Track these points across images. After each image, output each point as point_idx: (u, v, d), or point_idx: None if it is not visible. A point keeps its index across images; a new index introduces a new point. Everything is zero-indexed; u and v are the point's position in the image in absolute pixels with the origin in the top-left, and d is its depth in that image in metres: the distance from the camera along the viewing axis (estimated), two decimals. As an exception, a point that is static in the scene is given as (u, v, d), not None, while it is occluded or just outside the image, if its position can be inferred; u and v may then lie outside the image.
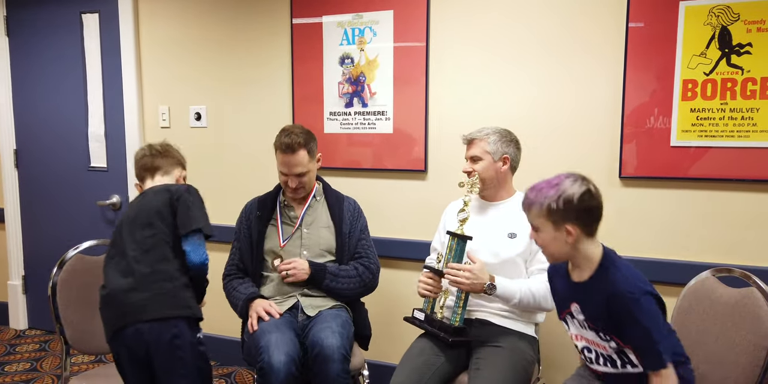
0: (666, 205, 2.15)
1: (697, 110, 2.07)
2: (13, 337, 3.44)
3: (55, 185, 3.40)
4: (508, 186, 2.04)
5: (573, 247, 1.48)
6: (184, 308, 1.67)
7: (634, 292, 1.41)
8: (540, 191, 1.48)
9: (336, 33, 2.62)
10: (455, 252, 1.87)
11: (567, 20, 2.24)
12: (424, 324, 1.93)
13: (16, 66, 3.42)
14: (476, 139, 1.99)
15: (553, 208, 1.44)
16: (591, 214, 1.47)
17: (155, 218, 1.71)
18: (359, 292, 2.18)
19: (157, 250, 1.68)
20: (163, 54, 3.04)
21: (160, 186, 1.80)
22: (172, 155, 1.92)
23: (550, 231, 1.48)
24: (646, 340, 1.40)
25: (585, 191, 1.45)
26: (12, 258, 3.55)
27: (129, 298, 1.64)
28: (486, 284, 1.80)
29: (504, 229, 1.97)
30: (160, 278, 1.65)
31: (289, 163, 2.11)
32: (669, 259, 2.15)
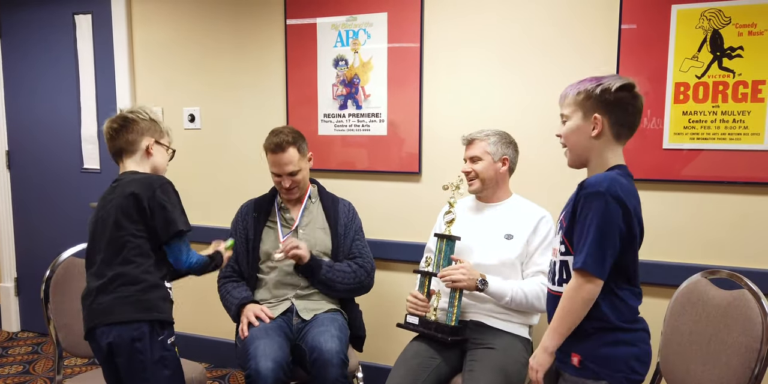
0: (658, 207, 2.16)
1: (689, 113, 2.08)
2: (6, 340, 3.42)
3: (48, 187, 3.38)
4: (505, 187, 2.05)
5: (593, 144, 1.40)
6: (148, 311, 1.63)
7: (601, 189, 1.33)
8: (581, 82, 1.44)
9: (330, 35, 2.62)
10: (444, 253, 1.88)
11: (560, 22, 2.25)
12: (419, 328, 1.93)
13: (8, 67, 3.41)
14: (477, 140, 2.01)
15: (589, 92, 1.39)
16: (625, 113, 1.40)
17: (123, 220, 1.64)
18: (353, 288, 2.17)
19: (124, 252, 1.63)
20: (157, 55, 3.04)
21: (129, 181, 1.69)
22: (132, 127, 1.74)
23: (577, 119, 1.42)
24: (580, 236, 1.36)
25: (627, 85, 1.39)
26: (4, 260, 3.53)
27: (96, 300, 1.64)
28: (478, 280, 1.82)
29: (501, 230, 1.97)
30: (125, 282, 1.62)
31: (280, 162, 2.11)
32: (661, 261, 2.16)
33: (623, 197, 1.33)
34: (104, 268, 1.64)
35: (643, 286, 2.11)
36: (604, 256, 1.34)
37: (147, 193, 1.64)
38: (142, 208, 1.63)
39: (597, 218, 1.33)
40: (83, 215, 3.26)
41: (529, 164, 2.23)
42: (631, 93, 1.40)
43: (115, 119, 1.76)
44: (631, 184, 1.41)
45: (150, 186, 1.66)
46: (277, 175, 2.16)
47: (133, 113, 1.76)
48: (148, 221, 1.65)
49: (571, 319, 1.38)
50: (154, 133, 1.78)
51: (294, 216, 2.22)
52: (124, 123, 1.74)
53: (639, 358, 1.41)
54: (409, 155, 2.54)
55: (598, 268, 1.34)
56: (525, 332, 1.97)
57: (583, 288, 1.35)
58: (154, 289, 1.66)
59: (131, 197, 1.64)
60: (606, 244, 1.34)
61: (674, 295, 1.80)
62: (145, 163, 1.76)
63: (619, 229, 1.34)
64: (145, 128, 1.75)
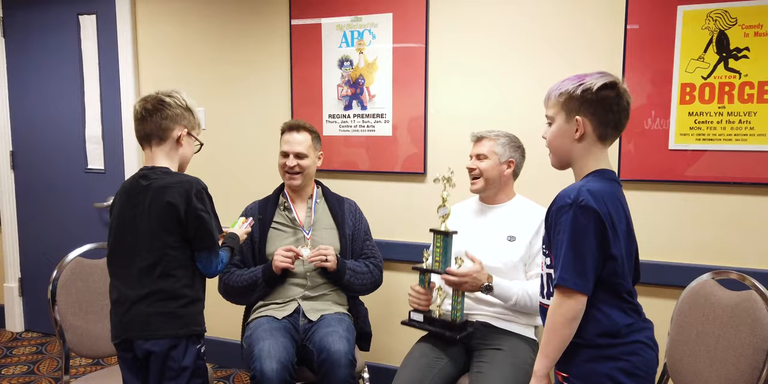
0: (665, 208, 2.17)
1: (695, 114, 2.08)
2: (10, 340, 3.42)
3: (52, 187, 3.38)
4: (508, 189, 2.05)
5: (575, 147, 1.35)
6: (188, 327, 1.62)
7: (568, 200, 1.27)
8: (564, 81, 1.37)
9: (335, 35, 2.62)
10: (442, 249, 1.87)
11: (566, 23, 2.26)
12: (425, 325, 1.92)
13: (12, 67, 3.41)
14: (486, 138, 2.01)
15: (570, 93, 1.33)
16: (609, 112, 1.33)
17: (161, 232, 1.60)
18: (369, 287, 2.22)
19: (163, 264, 1.60)
20: (161, 55, 3.04)
21: (164, 185, 1.60)
22: (166, 113, 1.65)
23: (560, 122, 1.36)
24: (556, 253, 1.29)
25: (609, 83, 1.32)
26: (8, 260, 3.53)
27: (134, 312, 1.60)
28: (483, 285, 1.82)
29: (503, 231, 1.98)
30: (165, 297, 1.60)
31: (293, 141, 2.18)
32: (668, 262, 2.16)
33: (593, 204, 1.26)
34: (143, 278, 1.60)
35: (649, 287, 2.15)
36: (583, 269, 1.26)
37: (184, 202, 1.59)
38: (179, 219, 1.59)
39: (568, 231, 1.27)
40: (87, 216, 3.28)
41: (533, 165, 2.22)
42: (614, 90, 1.33)
43: (149, 100, 1.66)
44: (611, 186, 1.34)
45: (186, 194, 1.59)
46: (285, 154, 2.18)
47: (171, 97, 1.67)
48: (184, 232, 1.61)
49: (557, 340, 1.30)
50: (187, 122, 1.70)
51: (298, 217, 2.22)
52: (160, 106, 1.65)
53: (626, 370, 1.31)
54: (414, 156, 2.54)
55: (576, 282, 1.26)
56: (531, 333, 1.97)
57: (563, 305, 1.28)
58: (193, 304, 1.65)
59: (168, 207, 1.58)
60: (582, 256, 1.26)
61: (681, 295, 1.80)
62: (174, 155, 1.69)
63: (595, 237, 1.27)
64: (180, 116, 1.67)
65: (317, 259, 2.06)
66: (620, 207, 1.34)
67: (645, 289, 2.15)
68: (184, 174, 1.69)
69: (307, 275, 2.13)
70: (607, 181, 1.35)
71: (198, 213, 1.60)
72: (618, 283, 1.32)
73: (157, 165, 1.67)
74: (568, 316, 1.29)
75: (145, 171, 1.66)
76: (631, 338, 1.33)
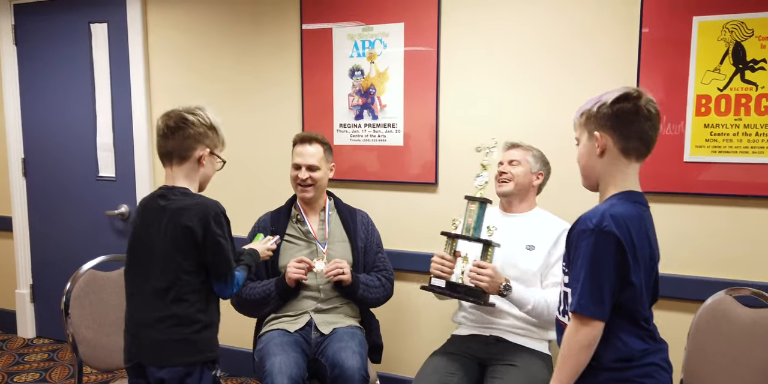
0: (679, 220, 2.14)
1: (711, 126, 2.06)
2: (22, 346, 3.44)
3: (63, 194, 3.40)
4: (530, 200, 2.05)
5: (599, 164, 1.33)
6: (202, 353, 1.60)
7: (589, 225, 1.25)
8: (586, 103, 1.39)
9: (346, 45, 2.61)
10: (476, 215, 1.82)
11: (579, 33, 2.24)
12: (446, 291, 1.85)
13: (24, 75, 3.43)
14: (521, 147, 2.03)
15: (588, 112, 1.35)
16: (629, 125, 1.30)
17: (177, 255, 1.56)
18: (381, 300, 2.22)
19: (176, 288, 1.56)
20: (172, 63, 3.04)
21: (181, 207, 1.57)
22: (189, 132, 1.60)
23: (584, 141, 1.37)
24: (575, 278, 1.28)
25: (622, 95, 1.31)
26: (20, 267, 3.55)
27: (147, 337, 1.58)
28: (502, 285, 1.79)
29: (522, 240, 1.97)
30: (178, 322, 1.56)
31: (304, 153, 2.17)
32: (683, 275, 2.14)
33: (615, 230, 1.24)
34: (155, 302, 1.58)
35: (665, 301, 2.13)
36: (600, 297, 1.25)
37: (201, 226, 1.55)
38: (196, 243, 1.56)
39: (588, 257, 1.26)
40: (98, 223, 3.30)
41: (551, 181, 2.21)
42: (631, 102, 1.31)
43: (172, 116, 1.62)
44: (637, 209, 1.31)
45: (204, 218, 1.56)
46: (297, 166, 2.18)
47: (195, 115, 1.62)
48: (201, 257, 1.58)
49: (572, 365, 1.28)
50: (210, 141, 1.65)
51: (311, 228, 2.21)
52: (183, 124, 1.60)
53: None
54: (426, 166, 2.53)
55: (593, 310, 1.25)
56: (545, 347, 1.96)
57: (580, 332, 1.27)
58: (207, 329, 1.61)
59: (186, 231, 1.55)
60: (600, 284, 1.25)
61: (698, 311, 1.79)
62: (194, 175, 1.65)
63: (615, 264, 1.25)
64: (203, 135, 1.63)
65: (333, 272, 2.04)
66: (644, 233, 1.31)
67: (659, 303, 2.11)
68: (202, 196, 1.65)
69: (320, 288, 2.13)
70: (633, 204, 1.32)
71: (216, 238, 1.57)
72: (636, 310, 1.31)
73: (177, 185, 1.64)
74: (584, 343, 1.27)
75: (164, 190, 1.64)
76: (646, 360, 1.32)
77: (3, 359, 3.24)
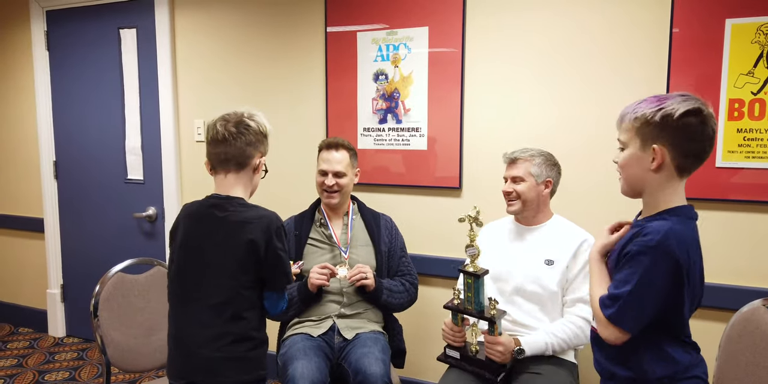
0: (710, 227, 2.09)
1: (744, 130, 2.01)
2: (52, 345, 3.52)
3: (93, 197, 3.47)
4: (546, 209, 2.01)
5: (651, 178, 1.25)
6: (255, 371, 1.55)
7: (652, 243, 1.20)
8: (641, 103, 1.26)
9: (371, 50, 2.62)
10: (474, 290, 1.80)
11: (609, 36, 2.20)
12: (462, 363, 1.87)
13: (56, 80, 3.51)
14: (520, 160, 1.95)
15: (647, 119, 1.22)
16: (691, 142, 1.21)
17: (239, 272, 1.50)
18: (406, 305, 2.22)
19: (236, 305, 1.51)
20: (199, 68, 3.08)
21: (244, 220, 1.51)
22: (250, 138, 1.54)
23: (635, 149, 1.25)
24: (619, 284, 1.25)
25: (694, 109, 1.19)
26: (51, 267, 3.63)
27: (200, 354, 1.51)
28: (515, 350, 1.78)
29: (541, 255, 1.93)
30: (234, 340, 1.51)
31: (331, 159, 2.17)
32: (714, 283, 2.09)
33: (676, 252, 1.20)
34: (212, 318, 1.51)
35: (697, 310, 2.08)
36: (640, 316, 1.24)
37: (264, 240, 1.50)
38: (258, 258, 1.51)
39: (640, 274, 1.22)
40: (126, 225, 3.35)
41: (571, 183, 2.18)
42: (698, 118, 1.21)
43: (231, 121, 1.55)
44: (693, 229, 1.28)
45: (267, 231, 1.50)
46: (324, 173, 2.19)
47: (254, 120, 1.57)
48: (260, 272, 1.53)
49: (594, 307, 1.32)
50: (264, 149, 1.60)
51: (335, 232, 2.22)
52: (245, 130, 1.54)
53: None
54: (450, 170, 2.52)
55: (631, 325, 1.25)
56: (571, 355, 1.93)
57: (606, 333, 1.28)
58: (260, 347, 1.58)
59: (249, 245, 1.49)
60: (644, 304, 1.23)
61: (731, 321, 1.74)
62: (249, 183, 1.60)
63: (663, 287, 1.22)
64: (261, 142, 1.58)
65: (356, 277, 2.04)
66: (699, 253, 1.29)
67: (689, 311, 2.09)
68: (261, 208, 1.58)
69: (344, 292, 2.13)
70: (688, 221, 1.28)
71: (277, 252, 1.52)
72: (681, 326, 1.30)
73: (233, 194, 1.57)
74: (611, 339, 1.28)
75: (220, 200, 1.56)
76: (689, 373, 1.31)
77: (34, 358, 3.32)
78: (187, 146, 3.16)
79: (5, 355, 3.36)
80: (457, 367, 1.88)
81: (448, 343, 1.90)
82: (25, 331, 3.74)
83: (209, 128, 1.58)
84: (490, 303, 1.78)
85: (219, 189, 1.60)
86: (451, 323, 1.89)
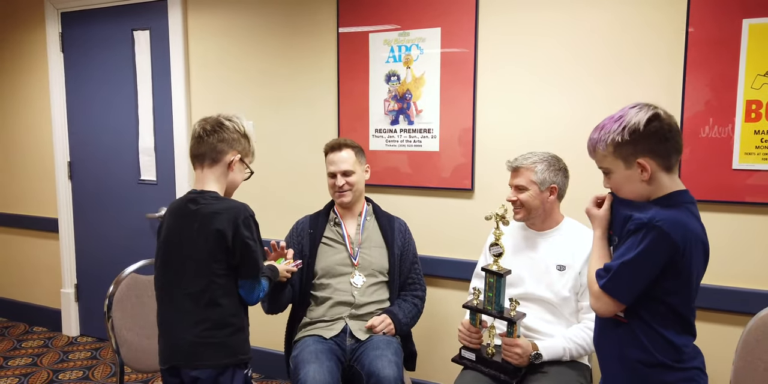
0: (726, 229, 2.07)
1: (762, 132, 1.98)
2: (66, 344, 3.55)
3: (107, 197, 3.49)
4: (555, 214, 1.98)
5: (650, 185, 1.31)
6: (234, 356, 1.63)
7: (644, 219, 1.25)
8: (603, 128, 1.33)
9: (383, 51, 2.61)
10: (496, 290, 1.80)
11: (623, 37, 2.18)
12: (477, 365, 1.86)
13: (70, 81, 3.54)
14: (522, 168, 1.92)
15: (619, 141, 1.29)
16: (665, 143, 1.28)
17: (209, 260, 1.60)
18: (417, 319, 2.26)
19: (210, 293, 1.60)
20: (212, 69, 3.09)
21: (212, 212, 1.61)
22: (223, 136, 1.67)
23: (621, 170, 1.32)
24: (619, 256, 1.30)
25: (652, 116, 1.28)
26: (65, 267, 3.67)
27: (180, 340, 1.62)
28: (532, 354, 1.77)
29: (553, 260, 1.92)
30: (212, 326, 1.60)
31: (336, 160, 2.19)
32: (730, 287, 2.06)
33: (675, 237, 1.24)
34: (190, 306, 1.61)
35: (712, 313, 2.07)
36: (633, 289, 1.29)
37: (231, 229, 1.59)
38: (226, 246, 1.59)
39: (636, 251, 1.26)
40: (139, 225, 3.38)
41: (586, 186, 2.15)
42: (659, 122, 1.29)
43: (209, 121, 1.71)
44: (694, 213, 1.32)
45: (234, 220, 1.60)
46: (332, 175, 2.20)
47: (231, 121, 1.71)
48: (230, 260, 1.61)
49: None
50: (242, 148, 1.72)
51: (349, 233, 2.22)
52: (219, 128, 1.68)
53: None
54: (462, 171, 2.51)
55: (624, 298, 1.30)
56: (585, 358, 1.91)
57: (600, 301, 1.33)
58: (240, 332, 1.65)
59: (217, 235, 1.59)
60: (638, 280, 1.28)
61: (748, 325, 1.72)
62: (223, 179, 1.71)
63: (658, 267, 1.26)
64: (236, 141, 1.70)
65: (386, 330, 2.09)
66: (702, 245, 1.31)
67: (707, 315, 2.07)
68: (232, 200, 1.69)
69: (354, 294, 2.13)
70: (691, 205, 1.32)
71: (245, 240, 1.60)
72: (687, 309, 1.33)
73: (207, 189, 1.69)
74: (601, 311, 1.34)
75: (194, 195, 1.68)
76: (688, 364, 1.33)
77: (49, 357, 3.35)
78: (199, 147, 3.16)
79: (20, 354, 3.39)
80: (472, 368, 1.87)
81: (464, 344, 1.89)
82: (39, 330, 3.78)
83: (192, 128, 1.74)
84: (511, 303, 1.78)
85: (196, 184, 1.72)
86: (469, 324, 1.88)
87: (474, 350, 1.88)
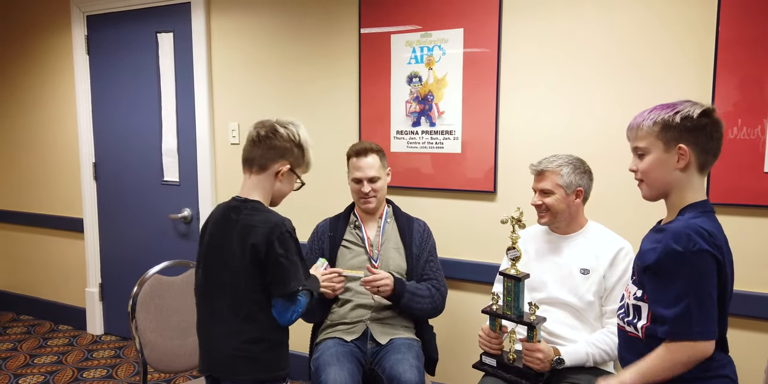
0: (758, 234, 2.01)
1: (796, 134, 1.93)
2: (91, 343, 3.60)
3: (131, 198, 3.54)
4: (580, 217, 1.95)
5: (678, 177, 1.32)
6: (271, 371, 1.59)
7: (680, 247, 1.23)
8: (652, 111, 1.34)
9: (404, 52, 2.60)
10: (514, 294, 1.77)
11: (650, 39, 2.14)
12: (498, 371, 1.83)
13: (95, 83, 3.59)
14: (547, 172, 1.88)
15: (669, 122, 1.30)
16: (710, 140, 1.30)
17: (245, 275, 1.55)
18: (429, 313, 2.16)
19: (246, 308, 1.56)
20: (234, 71, 3.11)
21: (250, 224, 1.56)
22: (275, 143, 1.60)
23: (658, 152, 1.32)
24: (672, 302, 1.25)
25: (708, 109, 1.31)
26: (90, 266, 3.72)
27: (219, 351, 1.59)
28: (554, 359, 1.74)
29: (576, 264, 1.88)
30: (249, 340, 1.56)
31: (363, 166, 2.16)
32: (762, 293, 2.01)
33: (709, 248, 1.24)
34: (228, 316, 1.57)
35: (741, 319, 2.01)
36: (707, 317, 1.26)
37: (265, 245, 1.53)
38: (259, 261, 1.54)
39: (688, 280, 1.24)
40: (162, 226, 3.41)
41: (613, 190, 2.12)
42: (711, 118, 1.32)
43: (265, 125, 1.64)
44: (714, 221, 1.32)
45: (268, 236, 1.53)
46: (358, 180, 2.18)
47: (286, 128, 1.63)
48: (264, 276, 1.56)
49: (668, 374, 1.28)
50: (294, 158, 1.64)
51: (368, 235, 2.21)
52: (271, 135, 1.61)
53: None
54: (484, 173, 2.49)
55: (707, 333, 1.25)
56: (610, 366, 1.88)
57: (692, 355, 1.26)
58: (278, 347, 1.61)
59: (252, 249, 1.53)
60: (707, 306, 1.25)
61: (780, 334, 1.67)
62: (268, 188, 1.64)
63: (716, 283, 1.26)
64: (287, 150, 1.62)
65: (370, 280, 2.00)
66: (726, 243, 1.32)
67: (738, 322, 2.01)
68: (272, 213, 1.61)
69: (374, 297, 2.12)
70: (709, 214, 1.33)
71: (277, 258, 1.54)
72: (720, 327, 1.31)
73: (250, 197, 1.63)
74: (695, 359, 1.27)
75: (237, 203, 1.63)
76: (720, 372, 1.32)
77: (73, 355, 3.41)
78: (222, 148, 3.19)
79: (46, 351, 3.45)
80: (493, 375, 1.85)
81: (485, 350, 1.87)
82: (64, 329, 3.84)
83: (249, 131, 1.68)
84: (531, 308, 1.75)
85: (241, 191, 1.66)
86: (489, 329, 1.85)
87: (495, 356, 1.85)
